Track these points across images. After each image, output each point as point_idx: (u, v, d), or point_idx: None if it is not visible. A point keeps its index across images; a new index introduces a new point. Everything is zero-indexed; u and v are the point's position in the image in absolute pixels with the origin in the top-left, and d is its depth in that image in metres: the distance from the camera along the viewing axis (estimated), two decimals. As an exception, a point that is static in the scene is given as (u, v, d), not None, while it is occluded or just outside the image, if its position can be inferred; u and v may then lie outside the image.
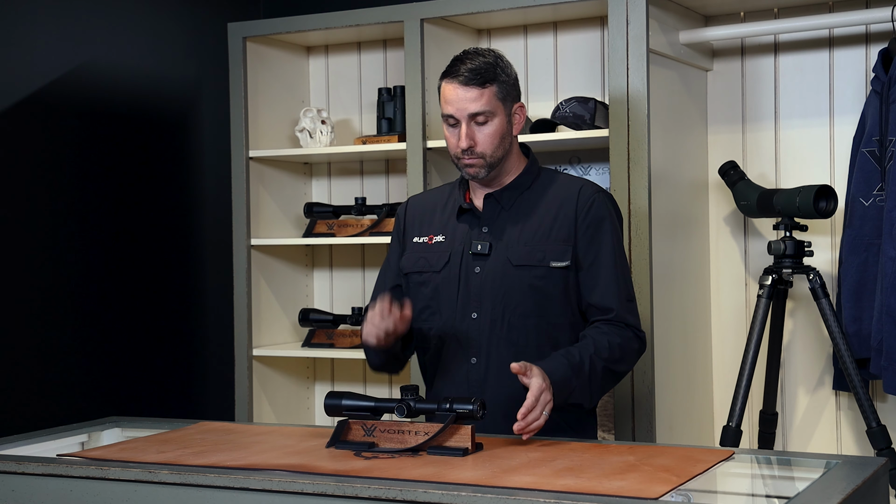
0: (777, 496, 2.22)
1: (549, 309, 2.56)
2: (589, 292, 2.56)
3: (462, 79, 2.53)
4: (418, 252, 2.67)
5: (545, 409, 2.31)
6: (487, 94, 2.53)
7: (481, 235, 2.61)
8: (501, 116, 2.56)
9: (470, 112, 2.53)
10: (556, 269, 2.55)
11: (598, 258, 2.56)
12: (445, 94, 2.57)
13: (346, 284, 4.25)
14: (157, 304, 4.19)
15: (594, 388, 2.47)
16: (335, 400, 2.39)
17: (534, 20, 3.80)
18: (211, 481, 2.09)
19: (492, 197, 2.62)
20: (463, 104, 2.53)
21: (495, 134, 2.55)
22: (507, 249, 2.57)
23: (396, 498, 1.94)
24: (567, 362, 2.41)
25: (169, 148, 4.27)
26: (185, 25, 4.33)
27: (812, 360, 3.61)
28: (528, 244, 2.57)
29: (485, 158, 2.55)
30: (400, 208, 2.80)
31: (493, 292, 2.56)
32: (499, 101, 2.55)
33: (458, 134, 2.54)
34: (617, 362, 2.50)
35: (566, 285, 2.56)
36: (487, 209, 2.62)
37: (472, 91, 2.52)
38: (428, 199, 2.77)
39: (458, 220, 2.65)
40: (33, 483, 2.24)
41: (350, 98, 4.22)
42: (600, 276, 2.55)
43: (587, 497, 1.88)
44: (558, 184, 2.64)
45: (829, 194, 3.28)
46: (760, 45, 3.67)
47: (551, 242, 2.56)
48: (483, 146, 2.54)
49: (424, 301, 2.64)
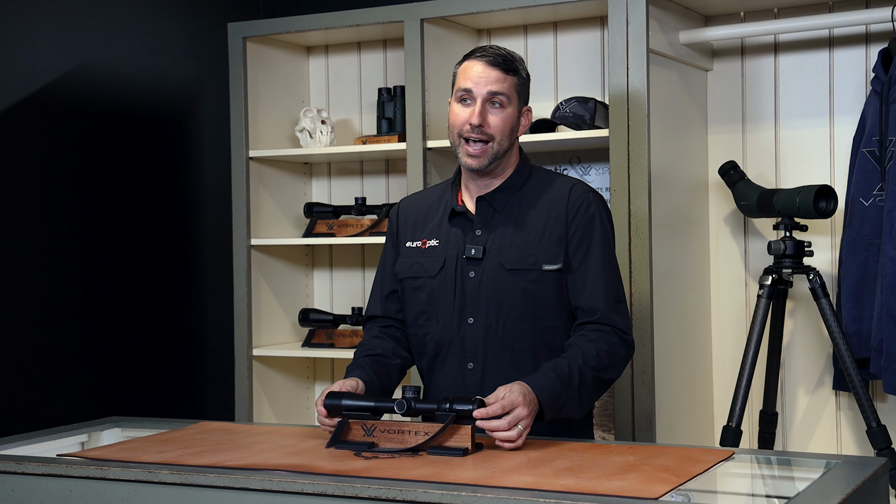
0: (777, 496, 2.22)
1: (543, 312, 2.54)
2: (576, 293, 2.54)
3: (489, 59, 2.52)
4: (412, 257, 2.65)
5: (519, 424, 2.27)
6: (510, 80, 2.53)
7: (475, 239, 2.58)
8: (514, 108, 2.55)
9: (490, 90, 2.51)
10: (548, 272, 2.53)
11: (587, 260, 2.54)
12: (466, 71, 2.54)
13: (346, 284, 4.25)
14: (157, 304, 4.20)
15: (584, 399, 2.44)
16: (335, 400, 2.38)
17: (534, 20, 3.80)
18: (211, 481, 2.09)
19: (484, 199, 2.59)
20: (484, 81, 2.51)
21: (507, 121, 2.53)
22: (500, 253, 2.55)
23: (396, 498, 1.94)
24: (556, 376, 2.39)
25: (169, 148, 4.27)
26: (185, 25, 4.33)
27: (812, 360, 3.61)
28: (521, 248, 2.54)
29: (492, 144, 2.52)
30: (392, 212, 2.76)
31: (487, 297, 2.54)
32: (516, 92, 2.55)
33: (471, 111, 2.51)
34: (605, 370, 2.47)
35: (559, 288, 2.54)
36: (480, 212, 2.60)
37: (497, 72, 2.51)
38: (420, 201, 2.74)
39: (450, 224, 2.63)
40: (33, 483, 2.24)
41: (350, 98, 4.22)
42: (588, 277, 2.53)
43: (587, 497, 1.88)
44: (549, 184, 2.62)
45: (829, 194, 3.28)
46: (760, 45, 3.67)
47: (543, 245, 2.54)
48: (494, 128, 2.52)
49: (420, 306, 2.63)
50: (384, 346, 2.66)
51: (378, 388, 2.56)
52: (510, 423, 2.26)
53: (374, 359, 2.62)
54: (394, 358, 2.65)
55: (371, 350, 2.65)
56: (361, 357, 2.63)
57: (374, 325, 2.73)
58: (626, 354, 2.54)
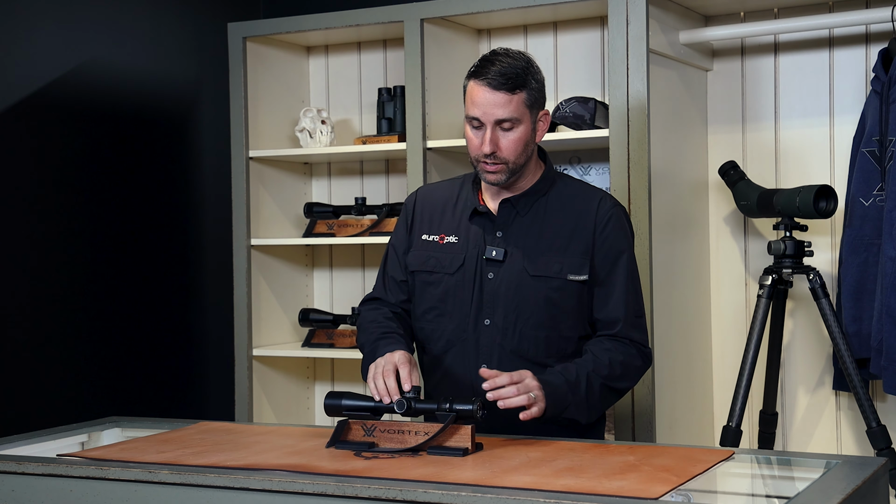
0: (777, 496, 2.22)
1: (561, 322, 2.53)
2: (599, 306, 2.54)
3: (492, 82, 2.44)
4: (427, 250, 2.62)
5: (530, 392, 2.30)
6: (516, 100, 2.45)
7: (496, 241, 2.55)
8: (527, 124, 2.49)
9: (497, 118, 2.45)
10: (572, 282, 2.51)
11: (612, 276, 2.53)
12: (472, 96, 2.48)
13: (346, 284, 4.25)
14: (158, 304, 4.20)
15: (592, 406, 2.44)
16: (335, 400, 2.38)
17: (534, 20, 3.80)
18: (211, 481, 2.09)
19: (508, 202, 2.56)
20: (490, 109, 2.45)
21: (519, 141, 2.48)
22: (523, 258, 2.53)
23: (396, 498, 1.94)
24: (564, 379, 2.39)
25: (169, 148, 4.27)
26: (185, 25, 4.33)
27: (812, 360, 3.61)
28: (546, 254, 2.52)
29: (507, 165, 2.48)
30: (408, 199, 2.72)
31: (506, 300, 2.52)
32: (526, 108, 2.48)
33: (482, 138, 2.47)
34: (617, 379, 2.47)
35: (580, 299, 2.53)
36: (502, 214, 2.57)
37: (501, 96, 2.44)
38: (437, 193, 2.69)
39: (470, 222, 2.60)
40: (33, 483, 2.24)
41: (350, 98, 4.22)
42: (612, 292, 2.53)
43: (587, 497, 1.88)
44: (575, 193, 2.59)
45: (829, 194, 3.28)
46: (760, 45, 3.67)
47: (569, 255, 2.52)
48: (507, 152, 2.47)
49: (432, 302, 2.60)
50: (403, 325, 2.62)
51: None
52: (519, 390, 2.29)
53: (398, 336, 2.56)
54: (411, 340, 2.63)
55: (390, 328, 2.57)
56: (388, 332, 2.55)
57: (381, 304, 2.68)
58: (643, 366, 2.54)
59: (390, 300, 2.68)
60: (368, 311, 2.68)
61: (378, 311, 2.65)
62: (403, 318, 2.66)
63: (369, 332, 2.59)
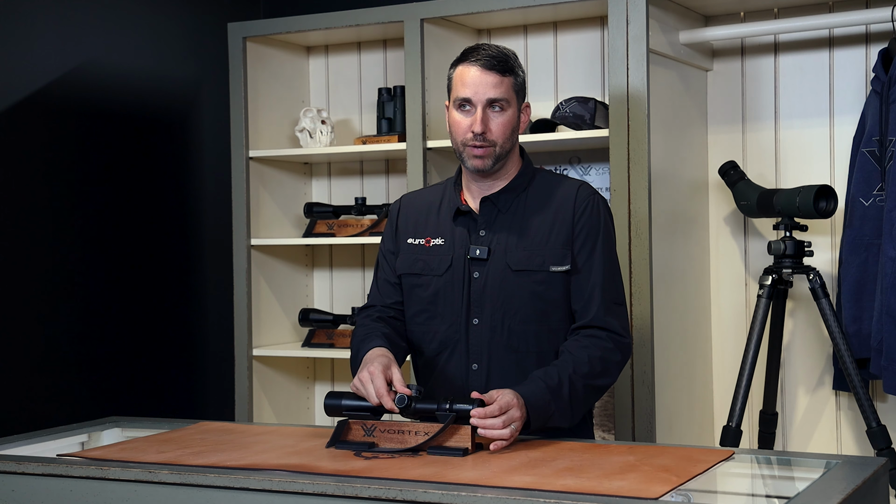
0: (777, 496, 2.22)
1: (549, 314, 2.53)
2: (576, 294, 2.54)
3: (484, 62, 2.49)
4: (414, 254, 2.63)
5: (512, 425, 2.28)
6: (506, 82, 2.50)
7: (479, 239, 2.57)
8: (514, 109, 2.53)
9: (489, 97, 2.48)
10: (556, 273, 2.52)
11: (589, 262, 2.53)
12: (462, 77, 2.51)
13: (346, 284, 4.25)
14: (158, 304, 4.20)
15: (575, 409, 2.43)
16: (335, 400, 2.39)
17: (534, 20, 3.80)
18: (211, 481, 2.09)
19: (488, 200, 2.58)
20: (482, 88, 2.48)
21: (508, 124, 2.51)
22: (506, 254, 2.54)
23: (396, 498, 1.94)
24: (545, 385, 2.38)
25: (169, 148, 4.27)
26: (185, 25, 4.34)
27: (812, 360, 3.61)
28: (528, 249, 2.53)
29: (495, 148, 2.50)
30: (392, 207, 2.74)
31: (492, 298, 2.53)
32: (514, 92, 2.52)
33: (473, 118, 2.49)
34: (597, 377, 2.46)
35: (566, 290, 2.53)
36: (484, 212, 2.58)
37: (493, 76, 2.49)
38: (421, 198, 2.71)
39: (454, 223, 2.61)
40: (33, 483, 2.24)
41: (350, 98, 4.22)
42: (588, 280, 2.52)
43: (587, 497, 1.88)
44: (554, 186, 2.61)
45: (829, 194, 3.28)
46: (760, 45, 3.67)
47: (550, 247, 2.53)
48: (496, 134, 2.50)
49: (421, 304, 2.61)
50: (394, 328, 2.63)
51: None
52: (504, 422, 2.27)
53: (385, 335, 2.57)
54: (401, 340, 2.63)
55: (377, 330, 2.59)
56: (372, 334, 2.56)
57: (374, 311, 2.69)
58: (621, 360, 2.53)
59: (386, 302, 2.69)
60: (362, 318, 2.69)
61: (365, 321, 2.66)
62: (394, 317, 2.67)
63: (357, 337, 2.61)
